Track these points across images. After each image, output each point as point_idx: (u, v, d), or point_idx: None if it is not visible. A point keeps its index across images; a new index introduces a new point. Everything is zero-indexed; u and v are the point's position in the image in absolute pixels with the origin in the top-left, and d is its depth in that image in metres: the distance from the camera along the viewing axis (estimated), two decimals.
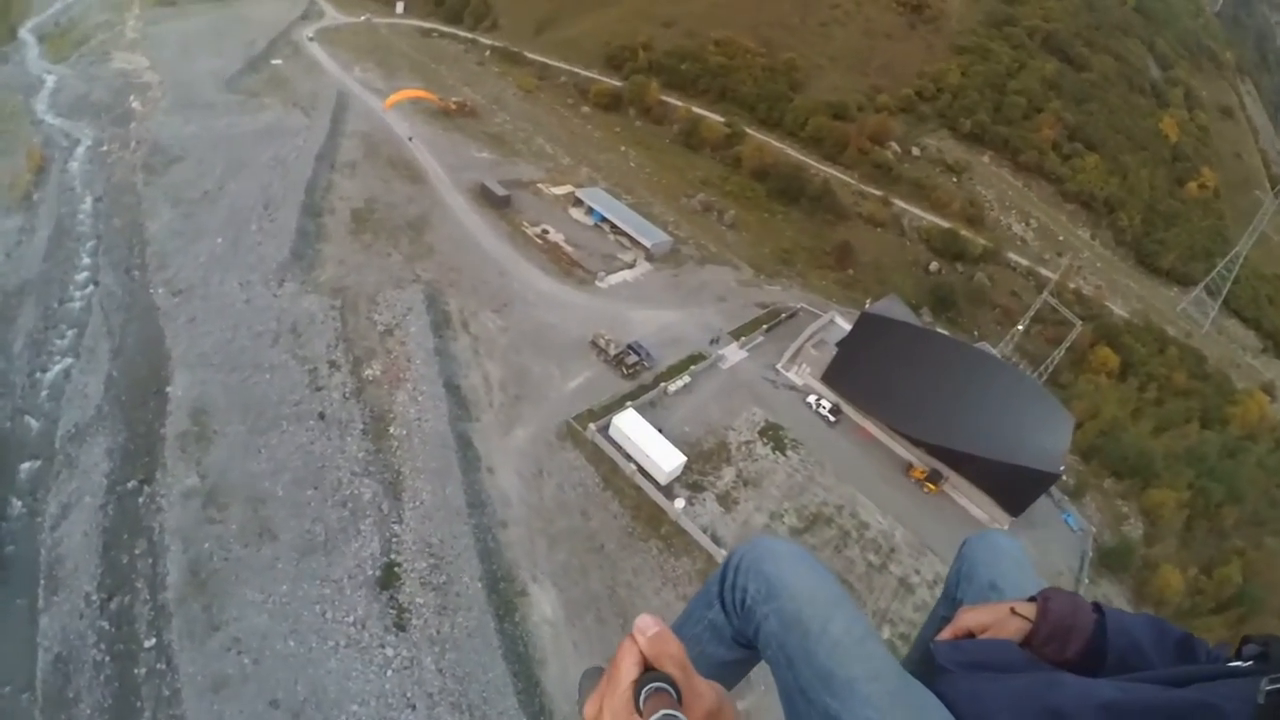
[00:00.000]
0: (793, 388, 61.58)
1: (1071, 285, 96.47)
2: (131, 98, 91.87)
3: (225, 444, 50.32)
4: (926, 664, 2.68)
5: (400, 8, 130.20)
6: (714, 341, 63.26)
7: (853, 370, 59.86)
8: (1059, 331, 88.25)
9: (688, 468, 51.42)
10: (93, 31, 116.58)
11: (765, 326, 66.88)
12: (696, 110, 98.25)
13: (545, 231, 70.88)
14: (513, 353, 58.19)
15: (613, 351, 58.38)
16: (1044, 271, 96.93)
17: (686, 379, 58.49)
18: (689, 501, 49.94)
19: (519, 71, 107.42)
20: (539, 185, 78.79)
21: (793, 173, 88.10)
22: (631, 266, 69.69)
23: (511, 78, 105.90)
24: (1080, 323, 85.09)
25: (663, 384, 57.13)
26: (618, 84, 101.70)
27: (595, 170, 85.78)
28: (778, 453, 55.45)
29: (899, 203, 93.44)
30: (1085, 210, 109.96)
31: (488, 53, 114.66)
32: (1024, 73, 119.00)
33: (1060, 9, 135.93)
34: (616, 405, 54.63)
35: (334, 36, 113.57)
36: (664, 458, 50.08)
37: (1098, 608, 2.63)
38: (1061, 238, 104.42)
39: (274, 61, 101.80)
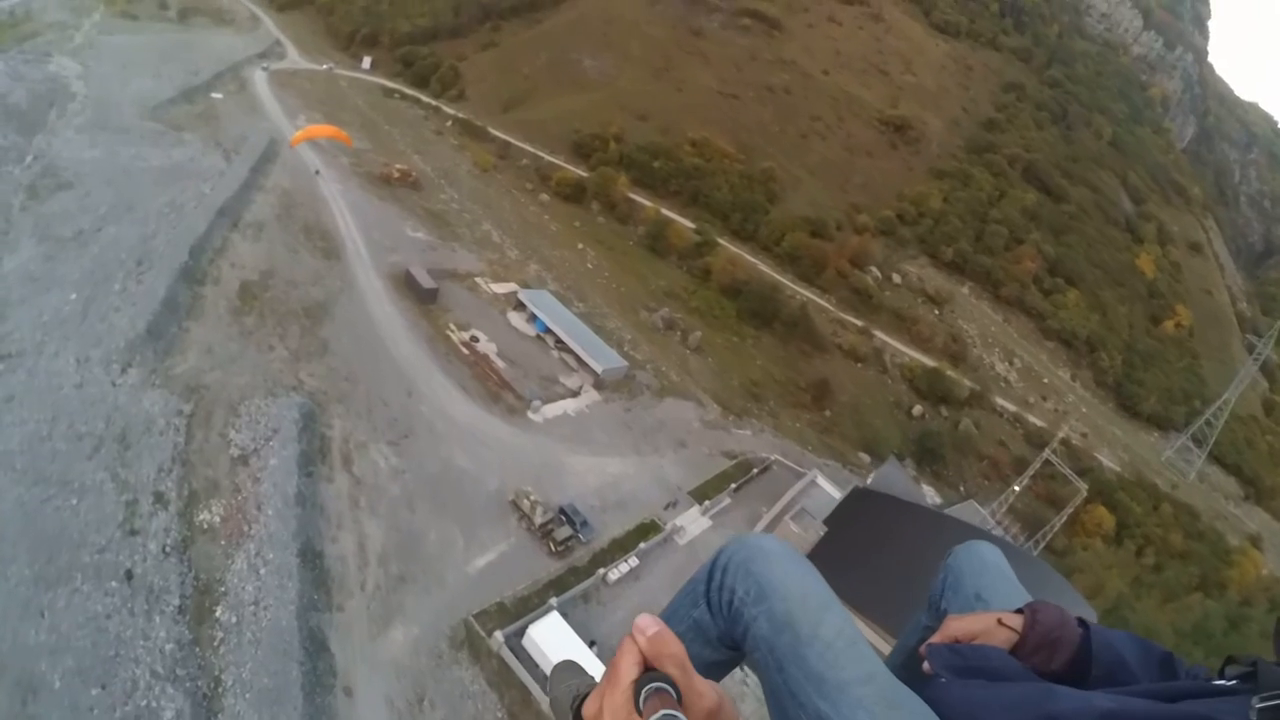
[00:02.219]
0: None
1: (1060, 435, 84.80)
2: (51, 107, 76.66)
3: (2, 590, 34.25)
4: (910, 670, 2.71)
5: (366, 63, 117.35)
6: (670, 505, 48.53)
7: (841, 558, 45.34)
8: (1049, 487, 77.15)
9: None
10: (43, 29, 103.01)
11: (734, 485, 52.39)
12: (665, 212, 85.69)
13: (474, 339, 55.91)
14: (404, 508, 42.51)
15: (539, 518, 43.26)
16: (1031, 418, 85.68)
17: (634, 561, 43.41)
18: None
19: (478, 147, 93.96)
20: (477, 279, 64.13)
21: (767, 292, 75.15)
22: (575, 395, 54.90)
23: (469, 152, 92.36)
24: (1085, 488, 73.58)
25: (601, 570, 41.69)
26: (583, 174, 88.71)
27: (546, 268, 71.45)
28: (749, 674, 39.84)
29: (880, 335, 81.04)
30: (1066, 349, 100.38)
31: (449, 123, 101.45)
32: (1004, 201, 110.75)
33: (1040, 139, 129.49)
34: (537, 599, 39.80)
35: (287, 80, 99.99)
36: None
37: (1083, 622, 2.55)
38: (1046, 380, 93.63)
39: (213, 95, 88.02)
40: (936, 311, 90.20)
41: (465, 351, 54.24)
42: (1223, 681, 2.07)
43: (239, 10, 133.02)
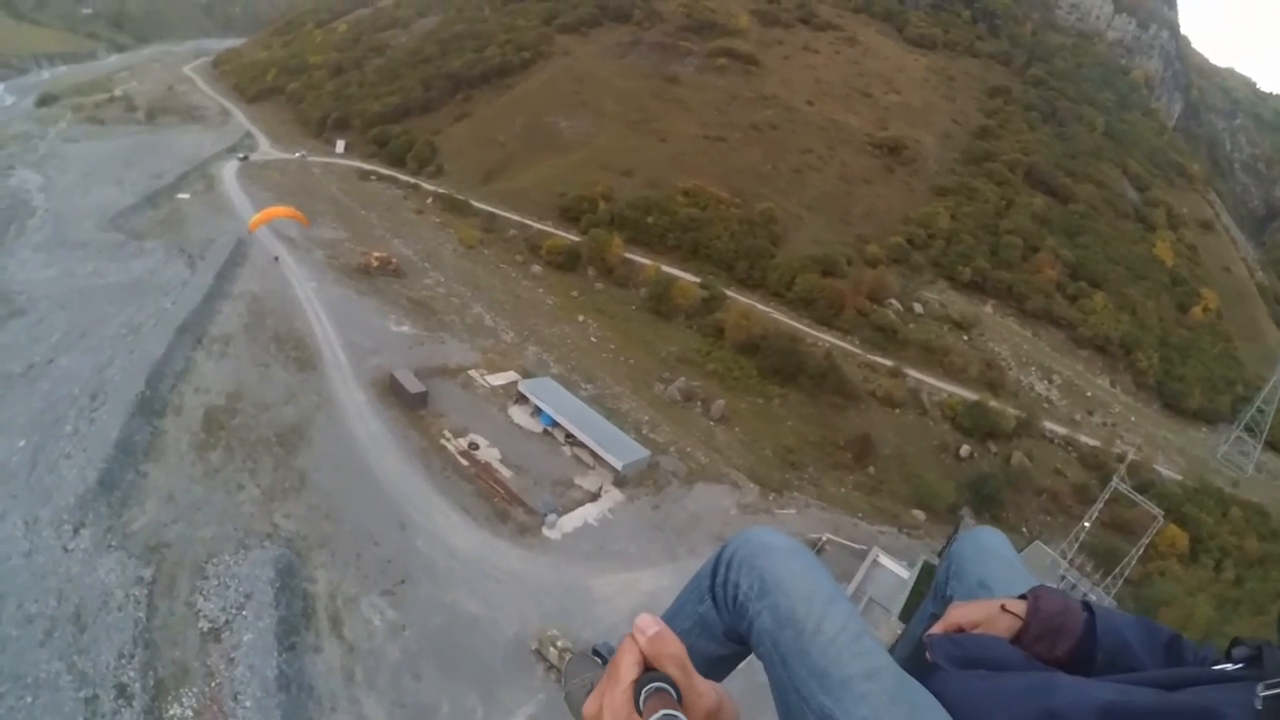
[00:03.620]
0: None
1: (1116, 451, 76.65)
2: (10, 225, 71.53)
3: None
4: (916, 660, 2.66)
5: (340, 147, 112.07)
6: None
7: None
8: (1114, 511, 68.48)
9: None
10: (7, 141, 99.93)
11: None
12: (666, 269, 78.36)
13: (473, 446, 48.62)
14: (408, 675, 35.00)
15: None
16: (1083, 438, 77.34)
17: None
18: None
19: (462, 223, 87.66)
20: (471, 373, 57.08)
21: (787, 345, 67.73)
22: (595, 498, 47.39)
23: (453, 229, 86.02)
24: (1160, 513, 65.11)
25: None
26: (575, 239, 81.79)
27: (546, 349, 64.36)
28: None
29: (912, 372, 73.39)
30: (1101, 355, 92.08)
31: (429, 200, 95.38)
32: (1013, 210, 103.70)
33: (1034, 140, 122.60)
34: None
35: (257, 173, 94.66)
36: None
37: (1087, 606, 2.47)
38: (1089, 393, 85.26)
39: (180, 196, 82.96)
40: (965, 337, 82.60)
41: (464, 463, 46.84)
42: (1228, 666, 2.02)
43: (209, 105, 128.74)
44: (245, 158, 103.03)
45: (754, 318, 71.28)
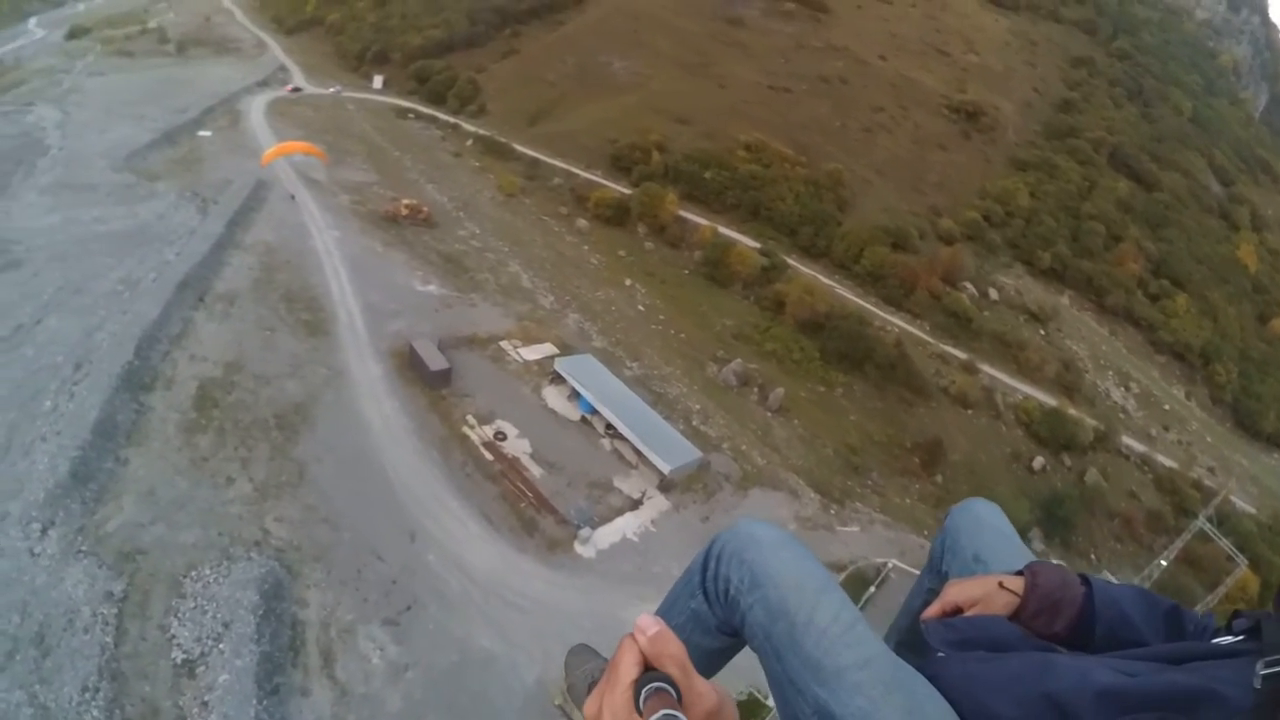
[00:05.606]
0: None
1: (1192, 475, 67.48)
2: (19, 166, 64.12)
3: None
4: (914, 635, 2.62)
5: (378, 82, 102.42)
6: None
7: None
8: (1190, 545, 59.54)
9: None
10: (30, 76, 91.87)
11: None
12: (724, 231, 68.75)
13: (500, 436, 40.54)
14: None
15: None
16: (1160, 458, 67.60)
17: None
18: None
19: (503, 168, 78.33)
20: (503, 344, 48.61)
21: (855, 328, 58.48)
22: (637, 506, 39.24)
23: (492, 175, 76.78)
24: (1245, 562, 56.56)
25: None
26: (625, 191, 72.20)
27: (588, 317, 55.74)
28: None
29: (986, 368, 63.91)
30: (1178, 363, 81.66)
31: (469, 142, 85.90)
32: (1096, 193, 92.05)
33: (1121, 119, 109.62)
34: None
35: (287, 109, 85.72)
36: None
37: (1085, 580, 2.39)
38: (1166, 406, 75.27)
39: (201, 133, 74.36)
40: (1042, 331, 72.80)
41: (489, 456, 38.75)
42: (1227, 638, 1.98)
43: (244, 38, 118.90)
44: (299, 89, 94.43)
45: (819, 293, 61.91)
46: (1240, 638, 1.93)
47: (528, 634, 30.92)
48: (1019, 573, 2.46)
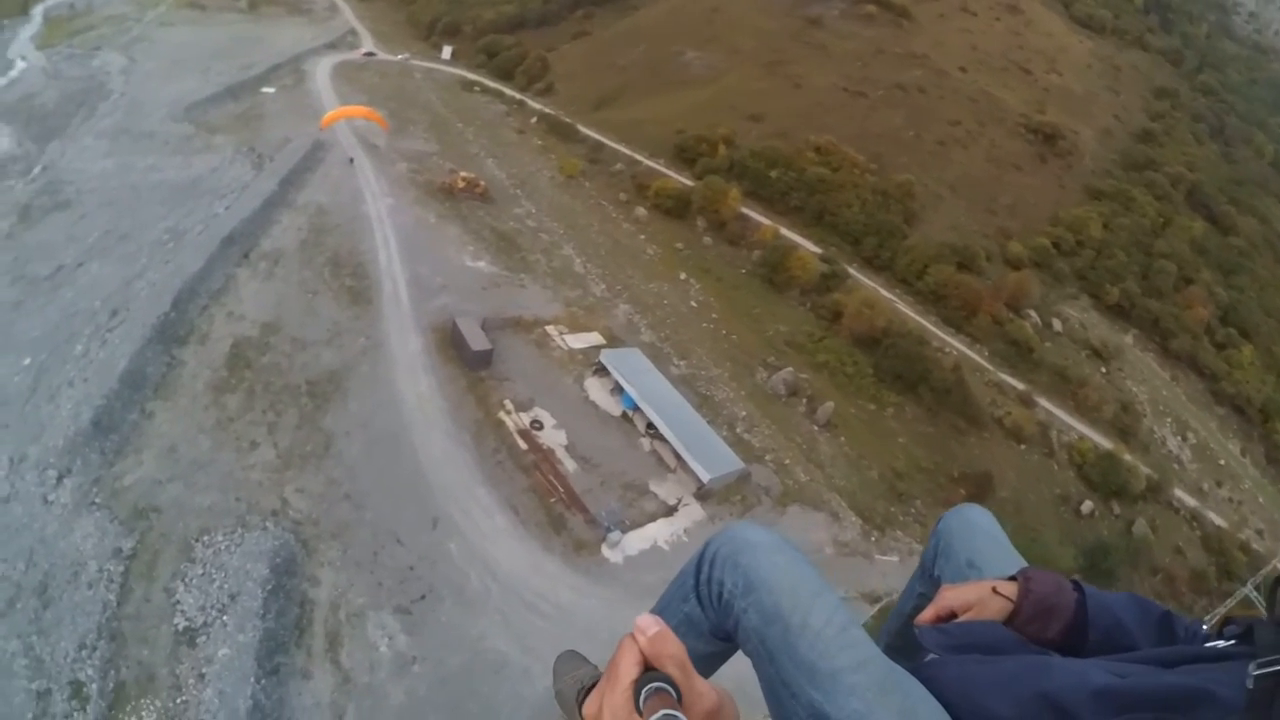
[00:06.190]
0: None
1: (1241, 536, 63.35)
2: (80, 108, 63.79)
3: None
4: (906, 638, 2.63)
5: (446, 53, 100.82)
6: None
7: None
8: (1231, 612, 55.98)
9: None
10: (100, 22, 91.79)
11: None
12: (785, 233, 65.77)
13: (536, 425, 38.61)
14: None
15: None
16: (1210, 514, 63.36)
17: None
18: None
19: (565, 149, 76.22)
20: (549, 329, 46.60)
21: (913, 347, 55.44)
22: (671, 513, 37.02)
23: (554, 155, 74.69)
24: None
25: None
26: (687, 183, 69.49)
27: (639, 309, 53.48)
28: None
29: (1043, 402, 60.39)
30: (1236, 416, 76.54)
31: (533, 120, 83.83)
32: (1170, 231, 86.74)
33: (1201, 157, 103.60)
34: None
35: (354, 74, 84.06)
36: None
37: (1078, 586, 2.42)
38: (1222, 461, 70.58)
39: (264, 90, 73.23)
40: (1103, 369, 68.80)
41: (523, 445, 36.82)
42: (1220, 642, 1.97)
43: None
44: (371, 54, 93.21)
45: (879, 308, 58.86)
46: (1232, 642, 1.90)
47: (544, 641, 28.99)
48: (1012, 578, 2.41)
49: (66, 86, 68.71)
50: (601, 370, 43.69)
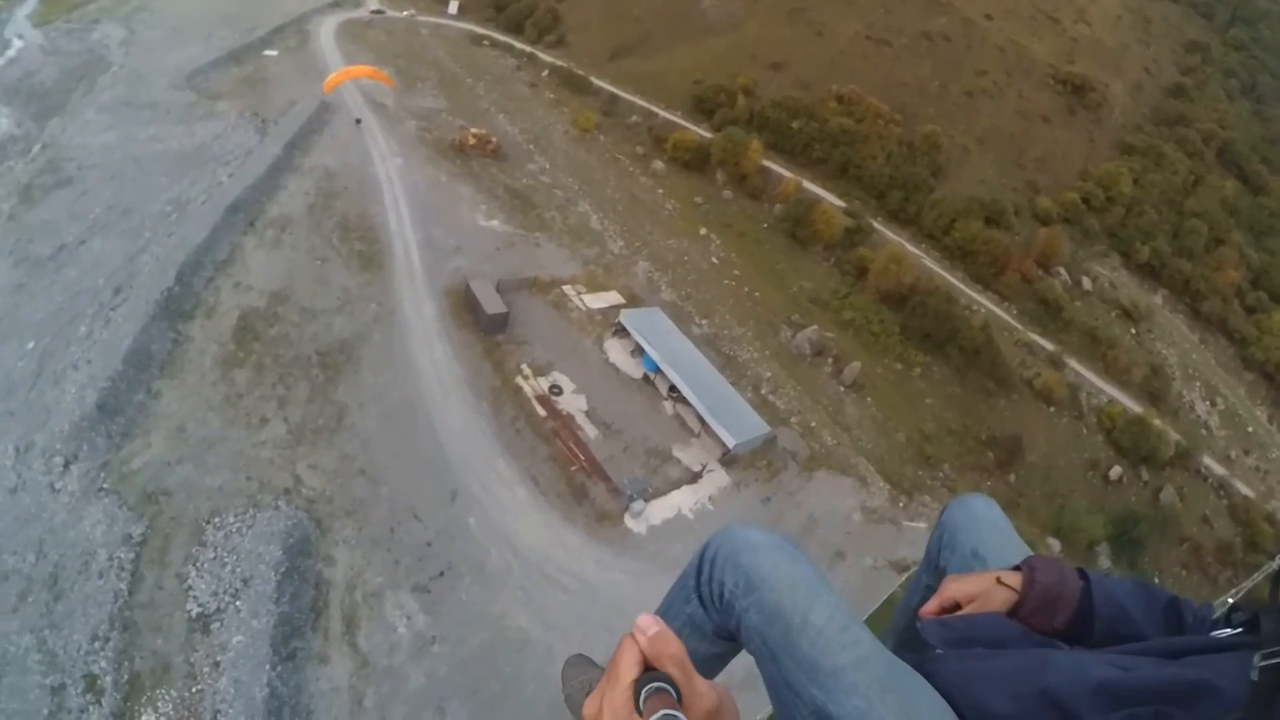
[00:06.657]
0: None
1: (1267, 508, 61.14)
2: (80, 83, 61.44)
3: None
4: (912, 633, 2.57)
5: (453, 7, 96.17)
6: None
7: None
8: (1257, 587, 53.56)
9: None
10: None
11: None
12: (808, 186, 62.74)
13: (555, 390, 36.58)
14: (431, 709, 24.55)
15: None
16: (1239, 484, 61.04)
17: None
18: None
19: (579, 102, 72.91)
20: (566, 289, 44.27)
21: (941, 305, 52.88)
22: (696, 479, 35.07)
23: (568, 109, 71.47)
24: None
25: None
26: (706, 135, 66.29)
27: (658, 267, 51.04)
28: None
29: (1072, 364, 57.88)
30: (1266, 383, 73.73)
31: (545, 73, 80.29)
32: (1201, 190, 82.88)
33: (1233, 114, 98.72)
34: None
35: (360, 32, 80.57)
36: None
37: (1083, 574, 2.34)
38: (1250, 429, 67.97)
39: (267, 53, 70.00)
40: (1133, 331, 66.08)
41: (542, 412, 34.80)
42: (1226, 631, 1.96)
43: None
44: (380, 11, 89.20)
45: (905, 265, 56.10)
46: (1239, 630, 1.88)
47: (568, 618, 27.35)
48: (1017, 568, 2.36)
49: (65, 62, 65.85)
50: (621, 331, 41.47)
